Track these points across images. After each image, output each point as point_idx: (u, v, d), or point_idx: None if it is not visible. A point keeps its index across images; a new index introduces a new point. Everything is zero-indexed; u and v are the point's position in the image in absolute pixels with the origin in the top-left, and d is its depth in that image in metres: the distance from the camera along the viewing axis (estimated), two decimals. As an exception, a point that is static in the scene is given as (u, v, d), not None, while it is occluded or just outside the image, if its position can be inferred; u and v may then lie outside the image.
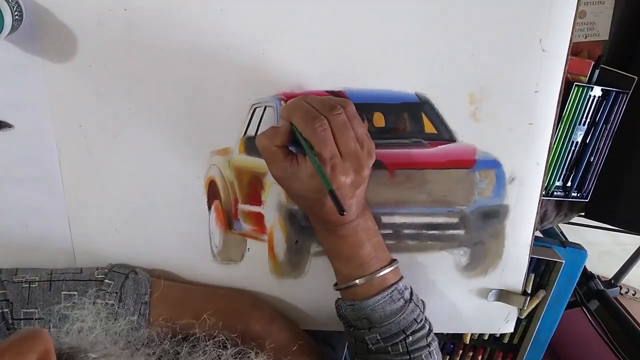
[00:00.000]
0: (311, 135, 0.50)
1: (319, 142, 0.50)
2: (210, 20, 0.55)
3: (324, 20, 0.56)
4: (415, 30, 0.57)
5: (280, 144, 0.52)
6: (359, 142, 0.52)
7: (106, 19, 0.54)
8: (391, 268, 0.58)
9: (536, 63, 0.58)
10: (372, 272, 0.57)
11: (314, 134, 0.50)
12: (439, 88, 0.59)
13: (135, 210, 0.61)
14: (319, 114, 0.50)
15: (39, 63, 0.54)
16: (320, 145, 0.50)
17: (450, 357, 0.95)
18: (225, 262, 0.64)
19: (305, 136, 0.50)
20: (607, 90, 0.75)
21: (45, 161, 0.58)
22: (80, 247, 0.61)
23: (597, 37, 0.77)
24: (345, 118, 0.51)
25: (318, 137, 0.50)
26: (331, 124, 0.50)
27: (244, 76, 0.57)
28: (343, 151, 0.51)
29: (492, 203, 0.64)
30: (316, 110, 0.51)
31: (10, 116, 0.56)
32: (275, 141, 0.52)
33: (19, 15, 0.50)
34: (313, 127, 0.50)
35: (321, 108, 0.51)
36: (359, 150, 0.52)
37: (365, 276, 0.57)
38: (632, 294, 1.56)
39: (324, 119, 0.50)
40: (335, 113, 0.51)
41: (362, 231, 0.57)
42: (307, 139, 0.51)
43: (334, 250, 0.59)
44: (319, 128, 0.50)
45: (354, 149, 0.52)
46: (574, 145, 0.78)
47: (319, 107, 0.51)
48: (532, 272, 0.80)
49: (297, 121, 0.51)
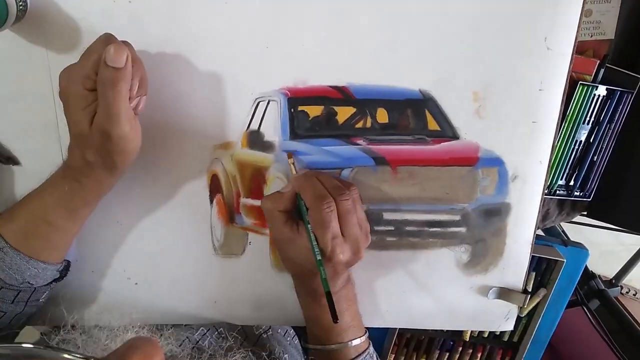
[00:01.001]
0: (317, 214, 0.52)
1: (323, 222, 0.52)
2: (215, 14, 0.55)
3: (328, 15, 0.56)
4: (420, 26, 0.57)
5: (283, 209, 0.55)
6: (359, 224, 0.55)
7: (111, 10, 0.54)
8: (365, 336, 0.61)
9: (541, 61, 0.58)
10: (349, 340, 0.59)
11: (320, 213, 0.52)
12: (443, 85, 0.59)
13: (137, 202, 0.61)
14: (328, 195, 0.53)
15: (43, 53, 0.54)
16: (324, 225, 0.52)
17: (450, 354, 0.95)
18: (227, 256, 0.64)
19: (312, 213, 0.53)
20: (611, 90, 0.74)
21: (48, 153, 0.58)
22: (81, 238, 0.61)
23: (603, 36, 0.76)
24: (352, 203, 0.54)
25: (324, 217, 0.52)
26: (338, 207, 0.53)
27: (247, 70, 0.57)
28: (346, 233, 0.54)
29: (494, 201, 0.63)
30: (326, 191, 0.53)
31: (14, 107, 0.56)
32: (278, 206, 0.55)
33: (23, 5, 0.50)
34: (321, 207, 0.52)
35: (331, 189, 0.54)
36: (359, 235, 0.55)
37: (342, 343, 0.59)
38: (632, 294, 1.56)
39: (332, 200, 0.52)
40: (344, 198, 0.53)
41: (344, 301, 0.59)
42: (312, 217, 0.53)
43: (314, 316, 0.60)
44: (326, 209, 0.52)
45: (355, 233, 0.54)
46: (577, 144, 0.78)
47: (329, 188, 0.54)
48: (533, 271, 0.80)
49: (307, 197, 0.54)
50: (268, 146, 0.60)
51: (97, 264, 0.63)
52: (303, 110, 0.59)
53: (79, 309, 0.64)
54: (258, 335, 0.67)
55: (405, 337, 0.93)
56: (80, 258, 0.62)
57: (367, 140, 0.60)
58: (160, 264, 0.64)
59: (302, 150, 0.60)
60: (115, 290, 0.64)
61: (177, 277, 0.64)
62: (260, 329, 0.68)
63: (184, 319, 0.66)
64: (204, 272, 0.65)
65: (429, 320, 0.70)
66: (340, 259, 0.53)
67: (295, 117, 0.59)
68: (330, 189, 0.54)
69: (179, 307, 0.65)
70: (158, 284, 0.64)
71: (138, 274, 0.64)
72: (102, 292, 0.64)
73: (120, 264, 0.63)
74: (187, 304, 0.66)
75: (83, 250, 0.62)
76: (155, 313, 0.65)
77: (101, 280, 0.63)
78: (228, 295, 0.66)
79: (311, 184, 0.54)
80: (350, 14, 0.56)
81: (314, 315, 0.60)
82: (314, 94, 0.58)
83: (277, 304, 0.67)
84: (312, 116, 0.59)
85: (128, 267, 0.63)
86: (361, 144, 0.60)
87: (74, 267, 0.61)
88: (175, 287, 0.65)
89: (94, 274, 0.63)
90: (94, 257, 0.62)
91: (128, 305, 0.65)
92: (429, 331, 0.92)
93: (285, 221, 0.55)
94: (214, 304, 0.66)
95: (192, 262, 0.64)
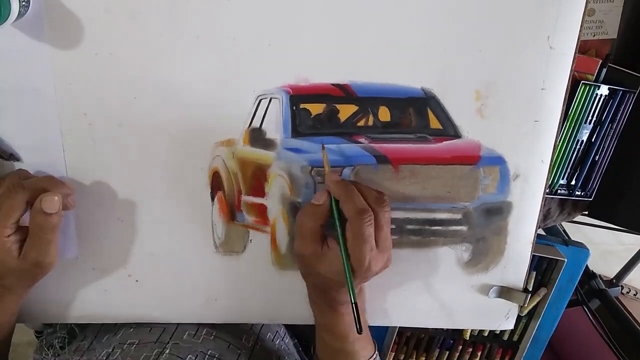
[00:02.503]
0: (358, 228, 0.51)
1: (364, 236, 0.51)
2: (217, 11, 0.54)
3: (331, 12, 0.55)
4: (423, 24, 0.56)
5: (323, 223, 0.55)
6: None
7: (113, 7, 0.54)
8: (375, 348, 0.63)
9: (543, 60, 0.58)
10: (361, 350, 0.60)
11: (361, 227, 0.51)
12: (445, 83, 0.59)
13: (138, 199, 0.61)
14: (369, 208, 0.52)
15: (45, 50, 0.54)
16: (365, 239, 0.51)
17: (450, 352, 0.95)
18: (228, 254, 0.64)
19: (352, 226, 0.52)
20: (614, 89, 0.74)
21: (49, 149, 0.58)
22: (81, 235, 0.61)
23: (606, 36, 0.76)
24: (390, 214, 0.54)
25: (365, 231, 0.51)
26: (377, 218, 0.52)
27: (249, 67, 0.57)
28: (380, 244, 0.53)
29: (495, 200, 0.63)
30: (367, 203, 0.53)
31: (16, 103, 0.56)
32: (319, 220, 0.55)
33: (25, 1, 0.50)
34: (362, 221, 0.51)
35: (372, 201, 0.53)
36: (391, 245, 0.55)
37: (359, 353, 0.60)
38: (633, 294, 1.56)
39: (372, 213, 0.52)
40: (386, 210, 0.53)
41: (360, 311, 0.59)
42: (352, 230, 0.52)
43: (329, 324, 0.60)
44: (367, 223, 0.51)
45: (389, 245, 0.54)
46: (579, 144, 0.77)
47: (369, 199, 0.53)
48: (533, 270, 0.80)
49: (348, 209, 0.53)
50: (270, 144, 0.60)
51: (98, 261, 0.63)
52: (305, 108, 0.59)
53: (79, 307, 0.64)
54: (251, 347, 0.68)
55: (405, 336, 0.92)
56: (81, 255, 0.62)
57: (368, 138, 0.60)
58: (161, 262, 0.64)
59: (304, 148, 0.60)
60: (116, 287, 0.64)
61: (178, 275, 0.64)
62: (251, 340, 0.69)
63: (185, 316, 0.66)
64: (204, 270, 0.65)
65: (429, 318, 0.70)
66: (374, 271, 0.53)
67: (297, 115, 0.59)
68: (370, 201, 0.53)
69: (180, 304, 0.65)
70: (159, 281, 0.64)
71: (139, 271, 0.64)
72: (103, 290, 0.64)
73: (121, 262, 0.63)
74: (188, 301, 0.66)
75: (84, 248, 0.62)
76: (156, 311, 0.65)
77: (102, 277, 0.63)
78: (229, 292, 0.66)
79: (352, 196, 0.53)
80: (352, 11, 0.56)
81: (329, 323, 0.60)
82: (316, 92, 0.58)
83: (278, 302, 0.66)
84: (314, 114, 0.59)
85: (129, 265, 0.63)
86: (363, 142, 0.60)
87: (75, 265, 0.62)
88: (176, 284, 0.65)
89: (95, 272, 0.63)
90: (95, 254, 0.62)
91: (129, 302, 0.65)
92: (429, 329, 0.92)
93: (320, 236, 0.55)
94: (215, 301, 0.66)
95: (193, 259, 0.64)
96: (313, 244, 0.55)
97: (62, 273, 0.62)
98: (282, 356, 0.70)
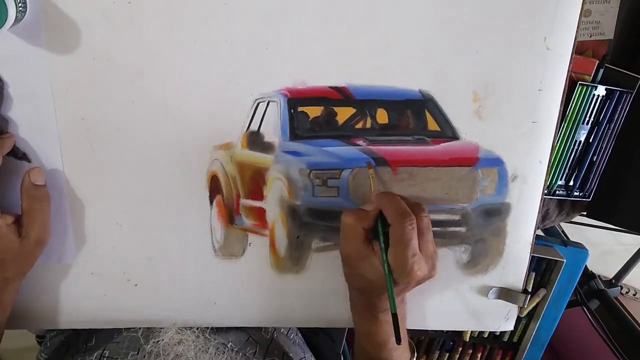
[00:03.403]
0: (400, 231, 0.52)
1: (405, 239, 0.52)
2: (214, 14, 0.54)
3: (328, 15, 0.56)
4: (420, 26, 0.57)
5: (367, 227, 0.55)
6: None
7: (110, 12, 0.54)
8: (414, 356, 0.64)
9: (540, 61, 0.58)
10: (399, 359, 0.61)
11: (403, 230, 0.52)
12: (442, 85, 0.59)
13: (137, 203, 0.61)
14: (410, 212, 0.53)
15: (42, 55, 0.54)
16: (406, 242, 0.52)
17: (450, 354, 0.95)
18: (227, 257, 0.64)
19: (394, 230, 0.53)
20: (611, 90, 0.74)
21: (47, 154, 0.58)
22: (80, 240, 0.61)
23: (602, 36, 0.76)
24: (429, 220, 0.55)
25: (406, 234, 0.52)
26: (418, 223, 0.53)
27: (247, 70, 0.57)
28: (424, 250, 0.54)
29: (494, 201, 0.63)
30: (408, 208, 0.54)
31: (13, 108, 0.56)
32: (363, 223, 0.55)
33: (22, 6, 0.50)
34: (404, 224, 0.52)
35: (412, 206, 0.55)
36: (434, 251, 0.55)
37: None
38: (632, 294, 1.56)
39: (414, 217, 0.53)
40: (425, 215, 0.54)
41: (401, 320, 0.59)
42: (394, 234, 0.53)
43: (369, 331, 0.60)
44: (409, 226, 0.52)
45: (432, 250, 0.55)
46: (576, 145, 0.78)
47: (410, 205, 0.55)
48: (533, 271, 0.80)
49: (390, 213, 0.54)
50: (268, 147, 0.60)
51: (96, 265, 0.63)
52: (303, 111, 0.59)
53: (79, 312, 0.64)
54: (270, 339, 0.68)
55: (406, 338, 0.92)
56: (80, 260, 0.62)
57: (367, 140, 0.60)
58: (160, 266, 0.63)
59: (302, 151, 0.60)
60: (115, 292, 0.64)
61: (177, 279, 0.64)
62: (268, 330, 0.69)
63: (184, 320, 0.66)
64: (203, 274, 0.64)
65: (429, 320, 0.70)
66: (417, 276, 0.53)
67: (295, 118, 0.59)
68: (411, 206, 0.54)
69: (179, 308, 0.65)
70: (158, 285, 0.64)
71: (138, 275, 0.64)
72: (102, 294, 0.64)
73: (119, 266, 0.63)
74: (186, 305, 0.65)
75: (82, 252, 0.62)
76: (155, 315, 0.65)
77: (101, 282, 0.63)
78: (228, 296, 0.66)
79: (394, 201, 0.54)
80: (349, 14, 0.56)
81: (370, 330, 0.60)
82: (313, 95, 0.58)
83: (277, 305, 0.66)
84: (312, 117, 0.59)
85: (128, 269, 0.63)
86: (361, 145, 0.60)
87: (74, 270, 0.61)
88: (175, 288, 0.65)
89: (94, 276, 0.63)
90: (93, 259, 0.62)
91: (128, 307, 0.65)
92: (429, 331, 0.92)
93: (364, 239, 0.55)
94: (214, 305, 0.66)
95: (191, 263, 0.64)
96: (357, 245, 0.55)
97: (61, 278, 0.62)
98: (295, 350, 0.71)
